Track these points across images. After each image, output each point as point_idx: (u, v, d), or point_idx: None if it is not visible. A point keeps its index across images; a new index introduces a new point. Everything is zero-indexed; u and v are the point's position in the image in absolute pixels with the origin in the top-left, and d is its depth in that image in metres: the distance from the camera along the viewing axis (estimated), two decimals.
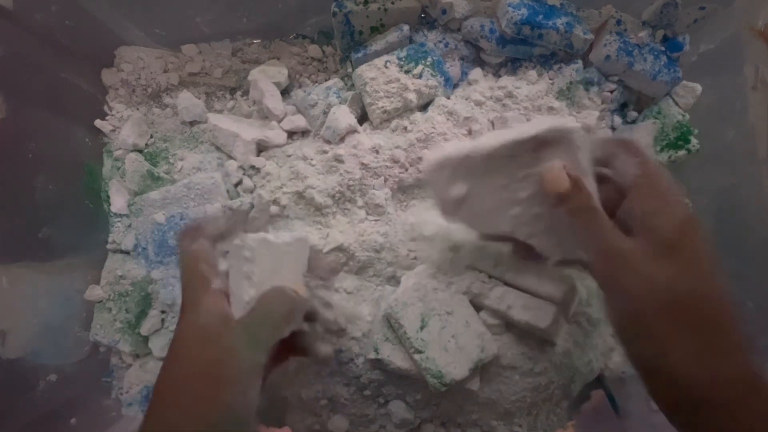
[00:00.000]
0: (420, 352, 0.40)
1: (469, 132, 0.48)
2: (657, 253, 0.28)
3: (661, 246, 0.28)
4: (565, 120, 0.32)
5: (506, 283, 0.43)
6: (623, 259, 0.29)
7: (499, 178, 0.34)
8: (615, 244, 0.29)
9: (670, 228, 0.29)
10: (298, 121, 0.50)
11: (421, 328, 0.41)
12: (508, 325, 0.44)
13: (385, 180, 0.47)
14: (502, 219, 0.35)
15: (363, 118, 0.51)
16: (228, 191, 0.50)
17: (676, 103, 0.51)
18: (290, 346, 0.35)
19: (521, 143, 0.32)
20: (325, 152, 0.48)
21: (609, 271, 0.30)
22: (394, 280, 0.45)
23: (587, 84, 0.51)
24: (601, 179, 0.33)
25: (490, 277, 0.43)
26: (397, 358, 0.42)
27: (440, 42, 0.51)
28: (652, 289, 0.28)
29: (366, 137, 0.49)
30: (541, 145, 0.31)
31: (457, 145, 0.35)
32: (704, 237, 0.29)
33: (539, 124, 0.32)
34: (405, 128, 0.48)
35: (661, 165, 0.35)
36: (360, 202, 0.47)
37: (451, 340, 0.41)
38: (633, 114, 0.53)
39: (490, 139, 0.33)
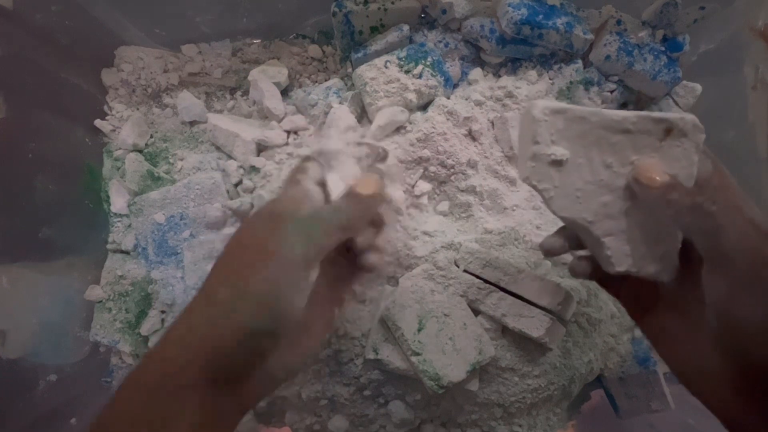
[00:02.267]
0: (417, 354, 0.40)
1: (469, 132, 0.48)
2: None
3: None
4: (696, 119, 0.30)
5: (502, 290, 0.43)
6: (765, 240, 0.26)
7: (607, 155, 0.31)
8: (754, 224, 0.27)
9: (765, 221, 0.27)
10: (298, 121, 0.50)
11: (419, 330, 0.41)
12: (505, 329, 0.44)
13: None
14: (589, 204, 0.31)
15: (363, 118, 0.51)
16: (228, 191, 0.50)
17: (676, 103, 0.51)
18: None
19: (648, 120, 0.30)
20: None
21: (759, 253, 0.26)
22: (393, 280, 0.45)
23: (587, 84, 0.51)
24: None
25: (486, 282, 0.43)
26: (396, 359, 0.42)
27: (440, 42, 0.51)
28: None
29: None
30: (667, 132, 0.30)
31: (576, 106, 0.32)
32: None
33: (672, 113, 0.31)
34: (405, 128, 0.48)
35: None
36: None
37: (449, 342, 0.41)
38: None
39: (620, 111, 0.31)
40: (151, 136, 0.54)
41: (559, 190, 0.32)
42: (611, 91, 0.51)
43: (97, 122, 0.53)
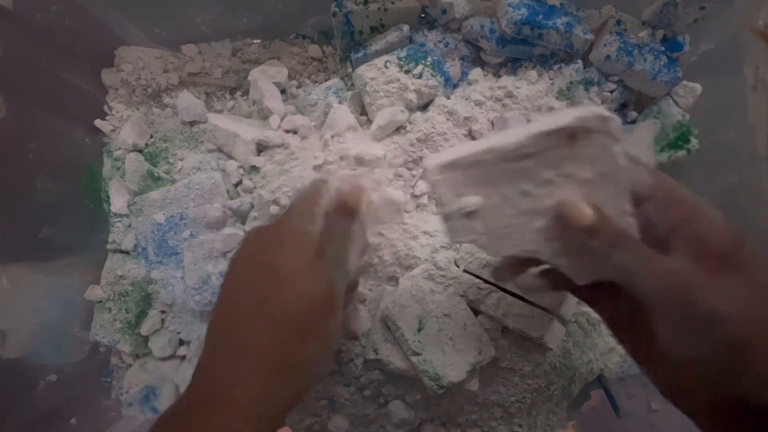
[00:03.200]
0: (417, 354, 0.40)
1: (469, 132, 0.48)
2: (719, 267, 0.25)
3: (719, 258, 0.25)
4: (598, 108, 0.27)
5: (502, 290, 0.43)
6: (689, 281, 0.25)
7: (520, 183, 0.28)
8: (672, 268, 0.26)
9: (720, 235, 0.25)
10: (298, 121, 0.50)
11: (419, 330, 0.41)
12: (506, 329, 0.44)
13: None
14: (525, 235, 0.29)
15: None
16: (228, 191, 0.50)
17: (676, 103, 0.51)
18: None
19: (547, 136, 0.27)
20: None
21: (681, 300, 0.25)
22: (393, 280, 0.45)
23: (587, 84, 0.51)
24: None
25: (486, 282, 0.43)
26: (396, 359, 0.42)
27: (440, 42, 0.51)
28: (743, 306, 0.24)
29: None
30: (571, 138, 0.27)
31: (466, 146, 0.30)
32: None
33: (567, 115, 0.27)
34: (405, 128, 0.48)
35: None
36: None
37: (449, 342, 0.41)
38: (633, 114, 0.53)
39: (507, 137, 0.28)
40: (151, 136, 0.54)
41: (488, 236, 0.30)
42: (611, 91, 0.51)
43: (97, 122, 0.53)
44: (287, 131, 0.51)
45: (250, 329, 0.28)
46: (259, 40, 0.56)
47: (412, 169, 0.47)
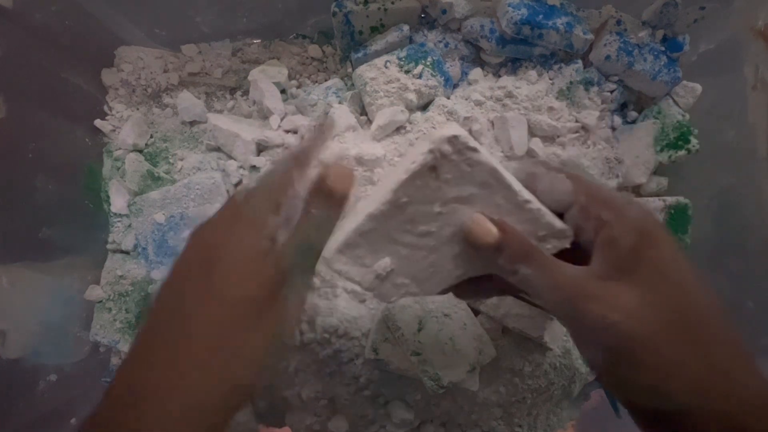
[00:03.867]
0: (417, 354, 0.40)
1: (469, 132, 0.48)
2: (623, 269, 0.24)
3: (625, 259, 0.24)
4: (442, 132, 0.26)
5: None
6: (584, 290, 0.25)
7: (415, 228, 0.28)
8: (569, 278, 0.26)
9: (629, 234, 0.24)
10: (298, 121, 0.50)
11: (419, 330, 0.41)
12: (505, 329, 0.44)
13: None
14: (446, 267, 0.30)
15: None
16: (228, 191, 0.50)
17: (676, 103, 0.51)
18: None
19: (410, 181, 0.27)
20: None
21: (574, 310, 0.25)
22: None
23: (587, 84, 0.51)
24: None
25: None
26: (396, 359, 0.41)
27: (440, 42, 0.51)
28: (631, 312, 0.24)
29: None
30: (433, 170, 0.27)
31: (350, 222, 0.30)
32: (670, 234, 0.25)
33: (417, 153, 0.27)
34: (405, 128, 0.48)
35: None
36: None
37: (449, 342, 0.41)
38: (633, 114, 0.53)
39: (375, 200, 0.28)
40: (151, 136, 0.54)
41: (416, 283, 0.30)
42: (611, 91, 0.51)
43: (97, 122, 0.53)
44: (287, 131, 0.51)
45: (188, 325, 0.25)
46: (259, 40, 0.56)
47: None
